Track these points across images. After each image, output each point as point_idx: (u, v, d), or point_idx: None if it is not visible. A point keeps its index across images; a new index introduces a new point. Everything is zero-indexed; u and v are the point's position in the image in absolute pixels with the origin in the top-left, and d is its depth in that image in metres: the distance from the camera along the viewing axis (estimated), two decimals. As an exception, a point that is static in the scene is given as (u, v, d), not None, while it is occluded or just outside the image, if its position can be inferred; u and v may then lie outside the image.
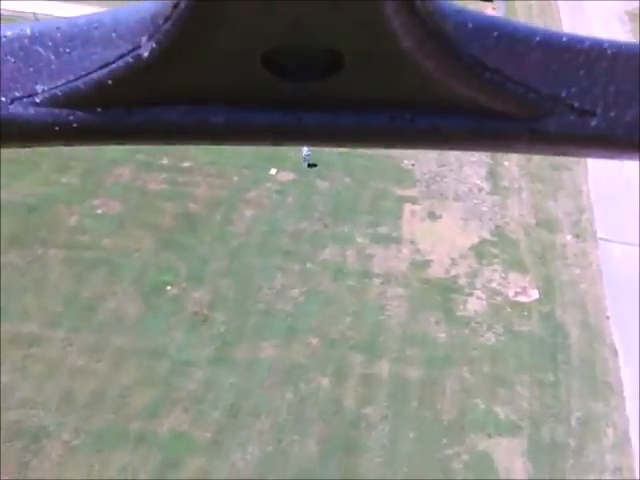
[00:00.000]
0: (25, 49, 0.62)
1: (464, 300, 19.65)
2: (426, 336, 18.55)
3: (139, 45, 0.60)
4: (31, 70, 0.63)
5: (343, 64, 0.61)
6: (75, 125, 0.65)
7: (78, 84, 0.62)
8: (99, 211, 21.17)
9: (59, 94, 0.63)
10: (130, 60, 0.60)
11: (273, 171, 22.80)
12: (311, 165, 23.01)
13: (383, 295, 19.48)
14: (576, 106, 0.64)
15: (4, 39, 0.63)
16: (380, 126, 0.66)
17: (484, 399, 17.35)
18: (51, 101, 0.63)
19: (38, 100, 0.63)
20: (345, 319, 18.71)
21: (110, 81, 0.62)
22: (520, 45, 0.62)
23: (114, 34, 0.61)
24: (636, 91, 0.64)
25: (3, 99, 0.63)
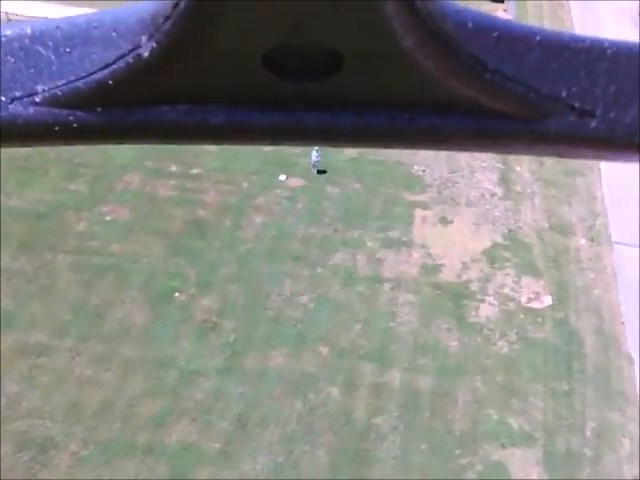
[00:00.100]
0: (25, 49, 0.63)
1: (476, 306, 19.40)
2: (438, 344, 18.29)
3: (139, 45, 0.60)
4: (31, 70, 0.63)
5: (343, 64, 0.61)
6: (75, 125, 0.65)
7: (78, 84, 0.63)
8: (108, 217, 21.08)
9: (59, 94, 0.63)
10: (130, 60, 0.60)
11: (282, 177, 22.60)
12: (320, 171, 22.77)
13: (394, 301, 19.26)
14: (576, 106, 0.64)
15: (4, 39, 0.63)
16: (380, 126, 0.66)
17: (497, 409, 17.08)
18: (51, 101, 0.64)
19: (38, 100, 0.64)
20: (355, 326, 18.50)
21: (110, 81, 0.62)
22: (520, 45, 0.62)
23: (114, 34, 0.61)
24: (636, 91, 0.64)
25: (3, 99, 0.64)
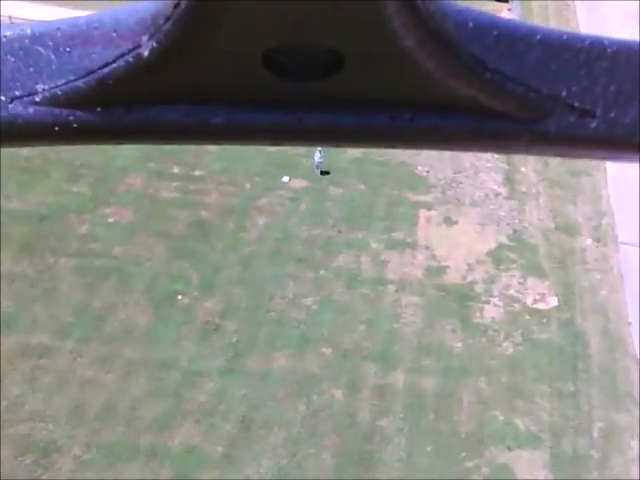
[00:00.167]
0: (25, 49, 0.63)
1: (481, 307, 19.23)
2: (442, 345, 18.14)
3: (139, 45, 0.60)
4: (31, 70, 0.63)
5: (343, 64, 0.61)
6: (75, 125, 0.65)
7: (78, 84, 0.62)
8: (110, 220, 20.99)
9: (59, 94, 0.63)
10: (130, 60, 0.60)
11: (285, 178, 22.49)
12: (324, 172, 22.64)
13: (398, 303, 19.11)
14: (576, 106, 0.64)
15: (4, 39, 0.63)
16: (380, 126, 0.66)
17: (502, 410, 16.90)
18: (51, 101, 0.64)
19: (38, 100, 0.64)
20: (359, 328, 18.36)
21: (110, 81, 0.62)
22: (520, 44, 0.62)
23: (114, 34, 0.61)
24: (636, 91, 0.64)
25: (3, 98, 0.63)
